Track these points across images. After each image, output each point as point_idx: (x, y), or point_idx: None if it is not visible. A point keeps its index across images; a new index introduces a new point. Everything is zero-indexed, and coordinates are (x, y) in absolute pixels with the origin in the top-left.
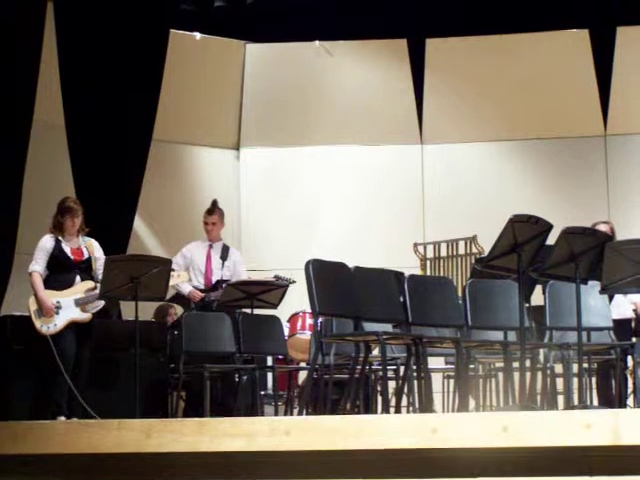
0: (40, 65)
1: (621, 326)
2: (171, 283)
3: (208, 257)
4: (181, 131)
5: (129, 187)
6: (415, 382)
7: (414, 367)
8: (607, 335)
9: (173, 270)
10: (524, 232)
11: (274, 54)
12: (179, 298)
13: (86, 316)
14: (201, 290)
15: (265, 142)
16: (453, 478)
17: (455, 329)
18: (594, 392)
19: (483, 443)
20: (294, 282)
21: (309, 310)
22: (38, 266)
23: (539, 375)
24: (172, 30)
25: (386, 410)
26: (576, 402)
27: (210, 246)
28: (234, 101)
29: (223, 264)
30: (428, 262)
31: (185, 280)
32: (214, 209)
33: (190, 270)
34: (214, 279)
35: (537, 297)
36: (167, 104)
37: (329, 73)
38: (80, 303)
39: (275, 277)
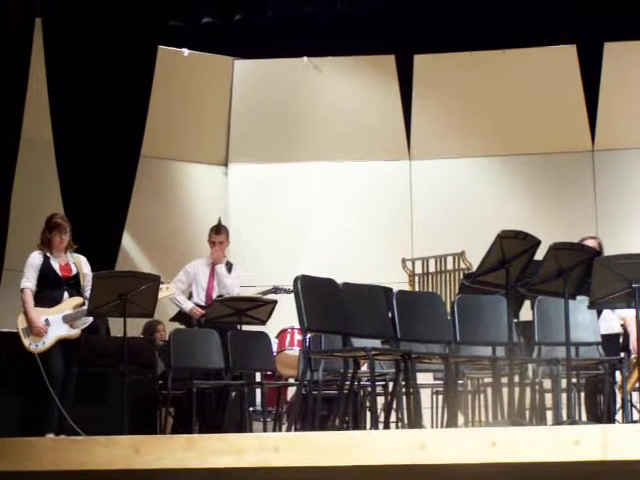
0: (28, 81)
1: (609, 341)
2: (160, 296)
3: (211, 274)
4: (169, 147)
5: (117, 203)
6: (404, 398)
7: (403, 383)
8: (595, 350)
9: (162, 283)
10: (512, 248)
11: (262, 70)
12: (182, 316)
13: (74, 332)
14: (202, 307)
15: (253, 158)
16: None
17: (444, 345)
18: (582, 407)
19: (472, 459)
20: (292, 292)
21: (298, 326)
22: (29, 282)
23: (528, 390)
24: (160, 46)
25: (375, 426)
26: (565, 417)
27: (214, 264)
28: (222, 117)
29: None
30: (416, 278)
31: (173, 292)
32: (221, 228)
33: (193, 287)
34: (215, 296)
35: (526, 312)
36: (155, 120)
37: (317, 89)
38: (68, 319)
39: (274, 287)
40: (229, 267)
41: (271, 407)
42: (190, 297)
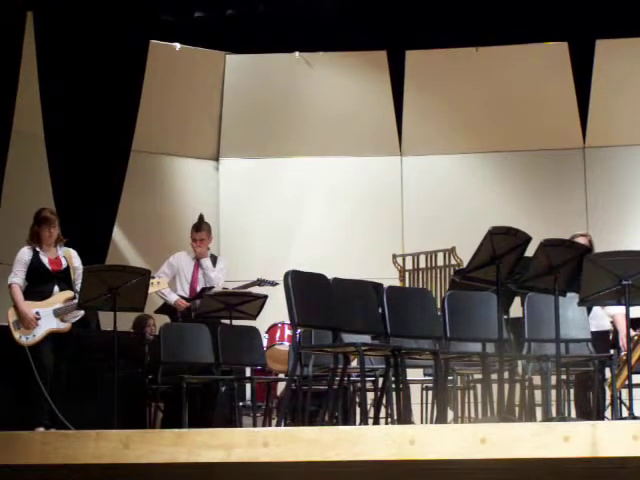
0: (19, 75)
1: (599, 338)
2: (150, 290)
3: (195, 267)
4: (161, 142)
5: (108, 197)
6: (394, 393)
7: (393, 378)
8: (585, 347)
9: (152, 277)
10: (503, 244)
11: (254, 65)
12: (166, 309)
13: (65, 326)
14: (186, 299)
15: (244, 153)
16: None
17: (434, 341)
18: (572, 404)
19: (461, 455)
20: (277, 284)
21: (288, 321)
22: (17, 278)
23: (517, 387)
24: (152, 40)
25: (364, 421)
26: (554, 414)
27: (198, 258)
28: (214, 112)
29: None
30: (407, 274)
31: (164, 287)
32: (201, 224)
33: (177, 279)
34: (199, 288)
35: (516, 309)
36: (147, 114)
37: (309, 84)
38: (59, 313)
39: (258, 280)
40: (213, 260)
41: (261, 402)
42: (175, 290)
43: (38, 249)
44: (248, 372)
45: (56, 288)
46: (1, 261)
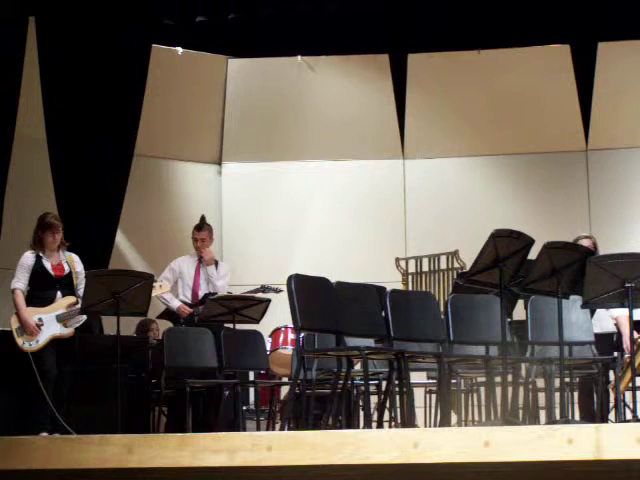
0: (22, 80)
1: (603, 340)
2: (153, 294)
3: (197, 272)
4: (163, 146)
5: (111, 202)
6: (397, 397)
7: (396, 382)
8: (589, 349)
9: (155, 281)
10: (506, 247)
11: (256, 69)
12: (169, 314)
13: (68, 331)
14: (189, 305)
15: (247, 157)
16: None
17: (437, 344)
18: (576, 407)
19: (465, 458)
20: (281, 291)
21: (291, 325)
22: (20, 283)
23: (521, 390)
24: (154, 45)
25: (368, 425)
26: (558, 417)
27: (199, 261)
28: (216, 116)
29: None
30: (410, 277)
31: (166, 290)
32: (203, 225)
33: (179, 284)
34: (201, 294)
35: (519, 312)
36: (149, 119)
37: (311, 88)
38: (62, 319)
39: (262, 287)
40: (216, 265)
41: (264, 406)
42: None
43: (41, 254)
44: (251, 376)
45: (59, 294)
46: (4, 266)
